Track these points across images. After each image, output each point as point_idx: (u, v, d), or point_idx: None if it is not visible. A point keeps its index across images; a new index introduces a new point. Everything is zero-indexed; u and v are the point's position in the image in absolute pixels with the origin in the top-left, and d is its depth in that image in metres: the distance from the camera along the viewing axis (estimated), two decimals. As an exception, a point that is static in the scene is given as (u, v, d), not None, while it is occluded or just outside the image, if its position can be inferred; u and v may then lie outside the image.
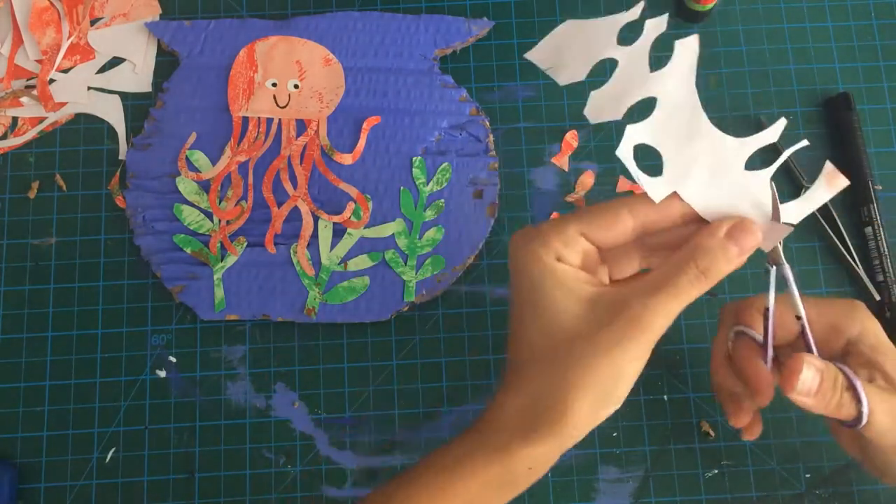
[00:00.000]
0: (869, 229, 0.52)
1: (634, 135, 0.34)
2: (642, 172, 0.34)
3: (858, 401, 0.37)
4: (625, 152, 0.34)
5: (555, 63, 0.36)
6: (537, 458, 0.34)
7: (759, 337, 0.40)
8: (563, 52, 0.35)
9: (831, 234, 0.53)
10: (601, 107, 0.34)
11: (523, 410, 0.34)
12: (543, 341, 0.34)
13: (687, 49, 0.34)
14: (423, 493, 0.35)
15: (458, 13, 0.57)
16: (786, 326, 0.40)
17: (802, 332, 0.38)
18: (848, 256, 0.52)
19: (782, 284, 0.37)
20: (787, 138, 0.56)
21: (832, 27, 0.57)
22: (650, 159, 0.35)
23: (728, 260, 0.33)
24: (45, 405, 0.52)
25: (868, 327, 0.40)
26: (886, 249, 0.52)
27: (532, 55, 0.36)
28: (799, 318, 0.38)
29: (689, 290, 0.33)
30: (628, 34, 0.34)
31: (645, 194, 0.34)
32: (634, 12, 0.33)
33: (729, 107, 0.55)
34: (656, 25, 0.34)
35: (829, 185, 0.35)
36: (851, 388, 0.37)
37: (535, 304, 0.34)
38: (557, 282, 0.34)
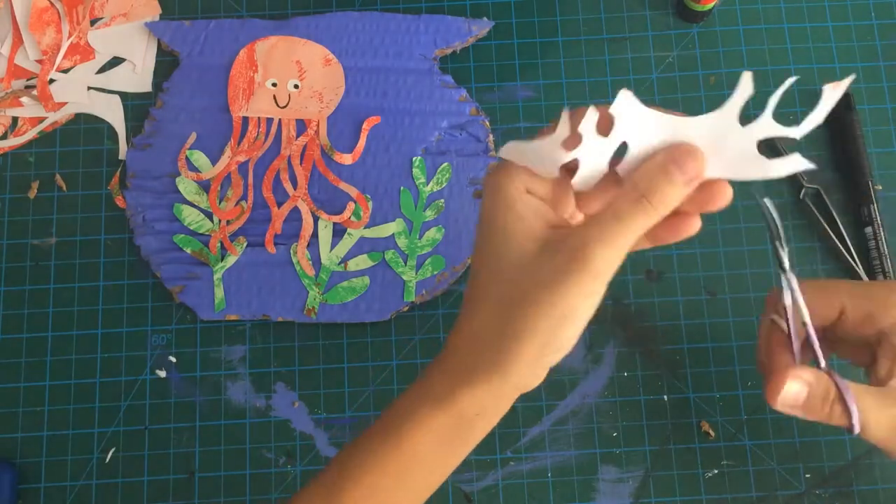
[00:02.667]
0: (869, 229, 0.52)
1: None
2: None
3: (848, 413, 0.37)
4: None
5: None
6: (483, 402, 0.33)
7: (784, 327, 0.40)
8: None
9: (831, 234, 0.53)
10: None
11: (468, 351, 0.33)
12: (492, 277, 0.32)
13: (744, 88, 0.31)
14: (374, 462, 0.34)
15: (458, 13, 0.57)
16: (819, 314, 0.39)
17: (808, 340, 0.38)
18: (848, 256, 0.52)
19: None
20: (786, 138, 0.56)
21: (832, 27, 0.57)
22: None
23: (670, 182, 0.31)
24: (45, 405, 0.52)
25: None
26: (886, 249, 0.52)
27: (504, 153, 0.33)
28: (805, 324, 0.38)
29: (632, 217, 0.30)
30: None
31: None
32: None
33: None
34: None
35: (831, 94, 0.32)
36: (842, 398, 0.37)
37: (490, 238, 0.33)
38: (516, 216, 0.32)
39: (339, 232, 0.53)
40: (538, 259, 0.31)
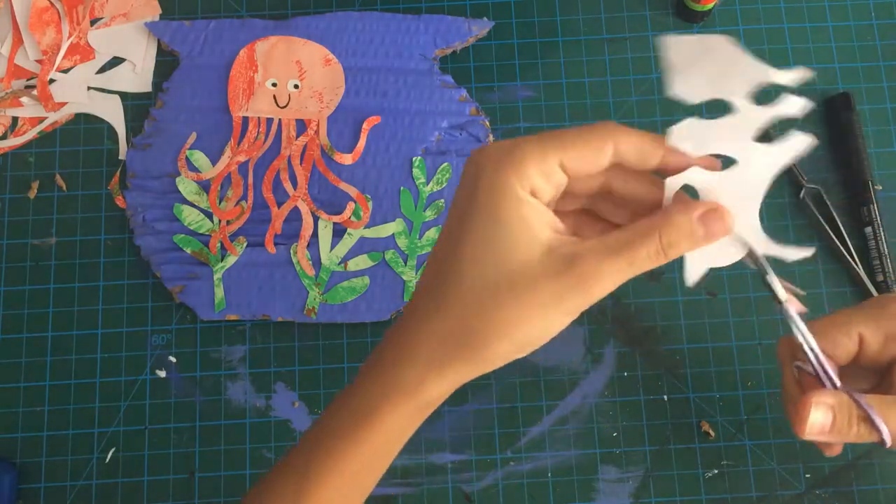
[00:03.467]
0: (869, 229, 0.52)
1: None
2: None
3: (877, 429, 0.36)
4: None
5: (684, 67, 0.33)
6: (449, 389, 0.33)
7: (810, 368, 0.40)
8: (701, 62, 0.32)
9: (831, 234, 0.53)
10: (685, 137, 0.32)
11: (440, 344, 0.32)
12: (482, 277, 0.31)
13: (799, 143, 0.32)
14: (342, 453, 0.34)
15: (458, 13, 0.57)
16: (839, 346, 0.39)
17: (818, 367, 0.38)
18: (848, 256, 0.52)
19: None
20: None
21: (832, 27, 0.57)
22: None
23: (693, 241, 0.31)
24: (45, 405, 0.52)
25: None
26: (886, 249, 0.52)
27: (670, 45, 0.33)
28: (812, 350, 0.37)
29: (645, 262, 0.31)
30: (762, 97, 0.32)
31: (628, 130, 0.32)
32: (793, 77, 0.31)
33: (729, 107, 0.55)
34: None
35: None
36: (868, 417, 0.37)
37: (487, 238, 0.31)
38: (522, 220, 0.31)
39: (339, 232, 0.53)
40: (538, 271, 0.31)
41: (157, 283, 0.53)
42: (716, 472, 0.50)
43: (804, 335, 0.37)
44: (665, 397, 0.51)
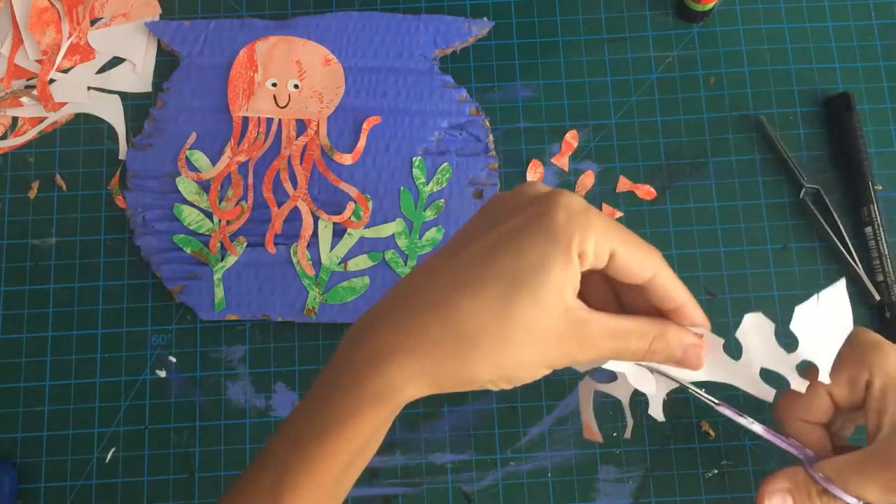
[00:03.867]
0: (869, 229, 0.52)
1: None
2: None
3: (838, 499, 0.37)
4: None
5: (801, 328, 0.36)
6: (423, 394, 0.33)
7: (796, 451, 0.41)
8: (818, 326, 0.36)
9: (831, 234, 0.53)
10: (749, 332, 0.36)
11: (424, 355, 0.31)
12: (494, 309, 0.31)
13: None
14: (318, 460, 0.33)
15: (458, 13, 0.57)
16: (816, 409, 0.40)
17: (769, 436, 0.39)
18: (848, 256, 0.52)
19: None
20: (786, 138, 0.56)
21: (832, 27, 0.57)
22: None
23: (668, 359, 0.35)
24: (45, 405, 0.52)
25: (877, 374, 0.38)
26: (886, 249, 0.52)
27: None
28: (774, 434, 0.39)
29: (627, 354, 0.34)
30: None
31: (671, 272, 0.35)
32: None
33: (729, 107, 0.55)
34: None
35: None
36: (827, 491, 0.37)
37: (527, 271, 0.31)
38: (562, 273, 0.31)
39: (339, 232, 0.53)
40: (553, 322, 0.32)
41: (157, 283, 0.53)
42: (716, 472, 0.50)
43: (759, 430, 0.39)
44: (665, 397, 0.51)
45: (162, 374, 0.52)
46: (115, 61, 0.58)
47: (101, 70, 0.57)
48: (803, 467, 0.38)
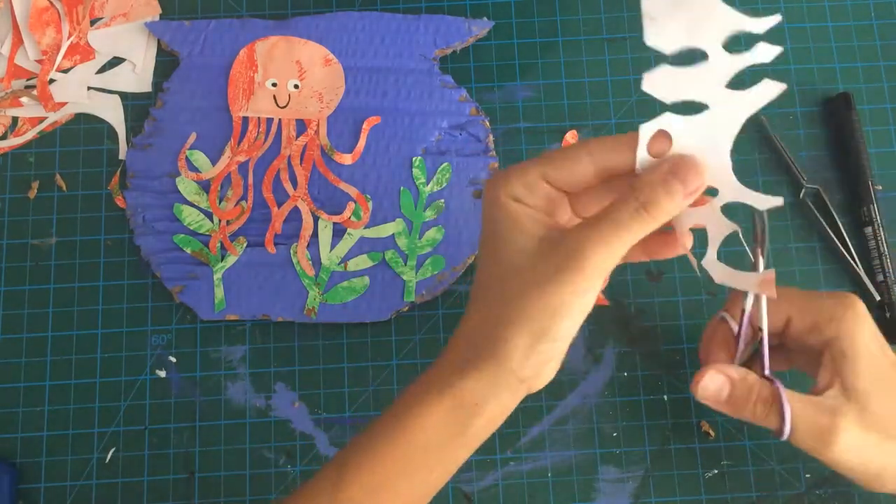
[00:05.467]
0: (869, 229, 0.52)
1: (666, 123, 0.34)
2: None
3: (781, 418, 0.38)
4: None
5: (660, 16, 0.33)
6: (481, 391, 0.34)
7: (734, 328, 0.42)
8: (676, 11, 0.32)
9: (831, 234, 0.53)
10: (658, 84, 0.34)
11: (466, 344, 0.35)
12: (492, 277, 0.35)
13: (770, 90, 0.33)
14: (378, 449, 0.35)
15: (458, 13, 0.57)
16: (774, 316, 0.40)
17: (760, 345, 0.40)
18: (848, 256, 0.52)
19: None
20: (786, 138, 0.56)
21: (832, 27, 0.57)
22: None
23: (669, 194, 0.33)
24: (45, 405, 0.52)
25: (844, 330, 0.39)
26: (886, 249, 0.52)
27: None
28: (760, 329, 0.39)
29: (629, 224, 0.32)
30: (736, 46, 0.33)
31: (606, 136, 0.35)
32: (766, 24, 0.32)
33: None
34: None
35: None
36: (775, 401, 0.38)
37: (490, 243, 0.35)
38: (511, 221, 0.34)
39: (339, 232, 0.53)
40: (534, 258, 0.33)
41: (157, 283, 0.53)
42: (716, 472, 0.50)
43: (762, 312, 0.39)
44: (665, 397, 0.51)
45: (162, 374, 0.52)
46: (115, 61, 0.58)
47: (101, 70, 0.57)
48: (770, 378, 0.39)
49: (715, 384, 0.39)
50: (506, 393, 0.34)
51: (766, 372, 0.40)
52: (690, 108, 0.34)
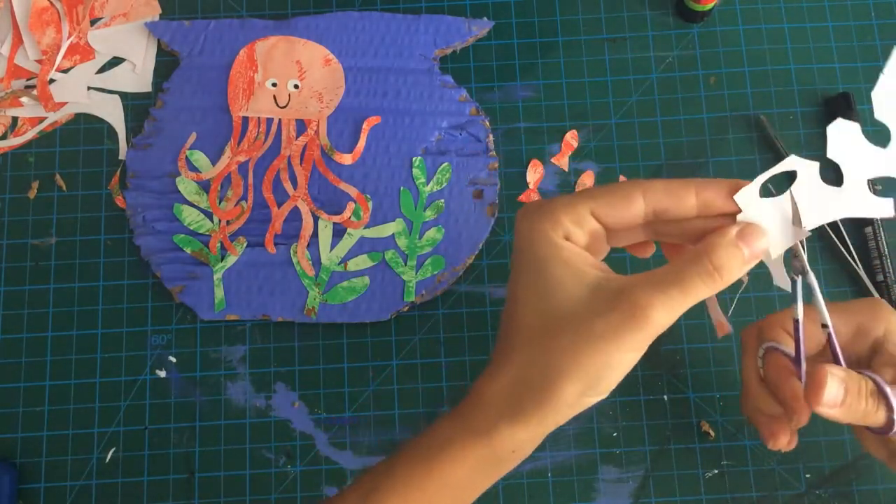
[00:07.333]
0: (869, 229, 0.52)
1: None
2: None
3: (889, 408, 0.36)
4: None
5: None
6: (521, 440, 0.34)
7: (791, 351, 0.39)
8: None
9: (831, 234, 0.53)
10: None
11: (510, 391, 0.33)
12: (539, 322, 0.33)
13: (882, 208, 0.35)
14: (408, 482, 0.34)
15: (458, 13, 0.57)
16: (811, 338, 0.39)
17: (829, 342, 0.37)
18: (848, 256, 0.52)
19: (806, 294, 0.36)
20: (786, 138, 0.56)
21: (832, 27, 0.57)
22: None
23: (740, 260, 0.33)
24: (45, 405, 0.52)
25: (893, 324, 0.39)
26: (886, 249, 0.52)
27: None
28: (825, 326, 0.37)
29: (698, 287, 0.32)
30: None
31: (660, 180, 0.34)
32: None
33: (729, 107, 0.55)
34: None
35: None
36: (880, 394, 0.36)
37: (536, 284, 0.33)
38: (563, 262, 0.33)
39: (339, 232, 0.53)
40: (590, 309, 0.32)
41: (157, 283, 0.53)
42: (716, 472, 0.50)
43: (822, 311, 0.37)
44: (665, 397, 0.51)
45: (162, 374, 0.52)
46: (115, 61, 0.58)
47: (101, 70, 0.57)
48: (857, 371, 0.37)
49: (833, 390, 0.36)
50: (539, 439, 0.34)
51: (843, 366, 0.38)
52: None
